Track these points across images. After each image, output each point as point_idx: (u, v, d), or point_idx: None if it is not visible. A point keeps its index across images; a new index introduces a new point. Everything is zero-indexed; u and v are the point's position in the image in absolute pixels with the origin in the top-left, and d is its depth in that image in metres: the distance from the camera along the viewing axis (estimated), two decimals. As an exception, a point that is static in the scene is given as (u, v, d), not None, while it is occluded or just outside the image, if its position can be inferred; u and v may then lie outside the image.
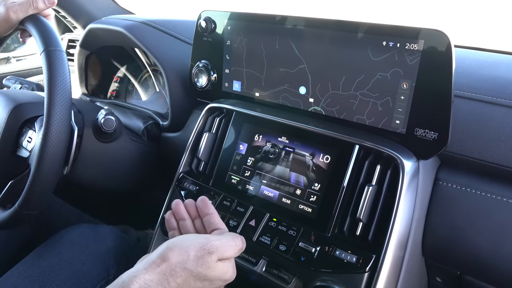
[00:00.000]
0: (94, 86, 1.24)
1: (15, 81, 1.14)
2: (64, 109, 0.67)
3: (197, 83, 0.88)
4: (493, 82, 0.68)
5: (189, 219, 0.65)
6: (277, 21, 0.73)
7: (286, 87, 0.76)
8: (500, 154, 0.62)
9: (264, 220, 0.70)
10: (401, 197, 0.61)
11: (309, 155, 0.70)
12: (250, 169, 0.75)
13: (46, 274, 0.77)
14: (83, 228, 0.87)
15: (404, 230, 0.63)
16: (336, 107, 0.71)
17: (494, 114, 0.64)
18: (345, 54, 0.67)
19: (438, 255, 0.69)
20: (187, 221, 0.65)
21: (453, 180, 0.67)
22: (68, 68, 0.70)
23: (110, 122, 0.88)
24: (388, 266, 0.60)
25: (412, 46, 0.60)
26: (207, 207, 0.64)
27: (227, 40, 0.82)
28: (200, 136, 0.82)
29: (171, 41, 1.03)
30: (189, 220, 0.65)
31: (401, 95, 0.63)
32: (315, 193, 0.68)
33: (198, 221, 0.65)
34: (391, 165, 0.64)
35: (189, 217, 0.65)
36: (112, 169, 0.97)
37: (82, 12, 1.36)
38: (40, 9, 0.74)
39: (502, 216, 0.62)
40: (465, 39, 0.96)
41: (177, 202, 0.66)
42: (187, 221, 0.65)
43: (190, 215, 0.65)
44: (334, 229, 0.65)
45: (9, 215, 0.72)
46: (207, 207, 0.64)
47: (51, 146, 0.67)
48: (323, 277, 0.62)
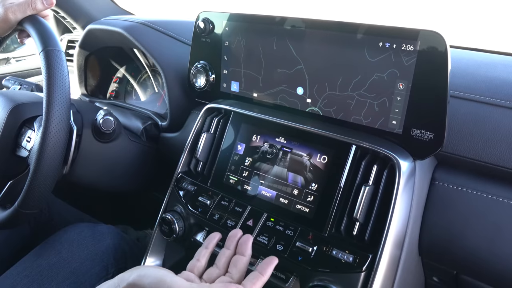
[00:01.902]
0: (93, 86, 1.24)
1: (14, 81, 1.14)
2: (63, 108, 0.68)
3: (196, 83, 0.89)
4: (489, 82, 0.69)
5: (221, 268, 0.61)
6: (275, 22, 0.74)
7: (284, 87, 0.76)
8: (496, 154, 0.63)
9: (261, 220, 0.70)
10: (398, 197, 0.61)
11: (307, 155, 0.70)
12: (248, 169, 0.75)
13: (45, 273, 0.77)
14: (82, 227, 0.88)
15: (401, 230, 0.63)
16: (333, 108, 0.71)
17: (490, 114, 0.65)
18: (342, 55, 0.68)
19: (434, 255, 0.70)
20: (216, 269, 0.61)
21: (450, 180, 0.67)
22: (66, 68, 0.70)
23: (109, 123, 0.88)
24: (384, 266, 0.60)
25: (408, 47, 0.61)
26: (247, 248, 0.62)
27: (225, 41, 0.82)
28: (198, 136, 0.83)
29: (170, 41, 1.03)
30: (220, 269, 0.61)
31: (398, 95, 0.64)
32: (312, 193, 0.68)
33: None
34: (387, 165, 0.64)
35: (222, 267, 0.61)
36: (111, 169, 0.97)
37: (81, 13, 1.36)
38: (39, 9, 0.74)
39: (498, 216, 0.62)
40: (461, 40, 0.96)
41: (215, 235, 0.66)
42: (217, 270, 0.61)
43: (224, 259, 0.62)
44: (331, 229, 0.65)
45: (9, 214, 0.73)
46: (247, 247, 0.62)
47: (50, 145, 0.67)
48: (320, 276, 0.62)
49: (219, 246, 0.68)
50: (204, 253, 0.63)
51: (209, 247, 0.65)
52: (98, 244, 0.85)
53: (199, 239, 0.77)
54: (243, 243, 0.63)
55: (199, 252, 0.64)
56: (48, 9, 0.76)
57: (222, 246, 0.64)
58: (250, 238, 0.63)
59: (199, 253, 0.64)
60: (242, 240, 0.63)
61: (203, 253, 0.63)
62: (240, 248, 0.62)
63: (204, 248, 0.64)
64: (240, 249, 0.62)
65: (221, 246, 0.68)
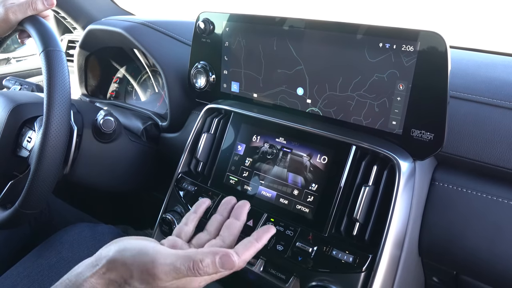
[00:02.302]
0: (93, 86, 1.25)
1: (15, 82, 1.15)
2: (64, 108, 0.68)
3: (196, 84, 0.89)
4: (489, 83, 0.69)
5: (212, 233, 0.59)
6: (275, 22, 0.74)
7: (284, 88, 0.76)
8: (496, 154, 0.63)
9: (261, 220, 0.70)
10: (398, 198, 0.61)
11: (307, 156, 0.70)
12: (248, 169, 0.75)
13: (46, 273, 0.77)
14: (82, 227, 0.88)
15: (401, 230, 0.63)
16: (333, 108, 0.71)
17: (490, 115, 0.65)
18: (342, 55, 0.68)
19: (434, 255, 0.70)
20: (206, 234, 0.59)
21: (450, 180, 0.67)
22: (67, 68, 0.70)
23: (109, 123, 0.88)
24: (384, 266, 0.60)
25: (408, 47, 0.61)
26: (242, 213, 0.60)
27: (226, 41, 0.82)
28: (198, 136, 0.83)
29: (170, 42, 1.03)
30: (210, 234, 0.59)
31: (398, 96, 0.64)
32: (312, 193, 0.68)
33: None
34: (387, 166, 0.64)
35: (213, 232, 0.59)
36: (112, 169, 0.97)
37: (81, 13, 1.36)
38: (39, 10, 0.75)
39: (497, 216, 0.62)
40: (461, 40, 0.96)
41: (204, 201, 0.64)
42: (206, 234, 0.59)
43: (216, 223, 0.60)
44: (331, 229, 0.65)
45: (9, 214, 0.73)
46: (243, 212, 0.60)
47: (50, 145, 0.67)
48: (320, 276, 0.62)
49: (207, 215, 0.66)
50: (193, 217, 0.61)
51: (198, 212, 0.62)
52: (98, 244, 0.85)
53: (199, 239, 0.77)
54: (239, 208, 0.61)
55: (187, 216, 0.61)
56: (48, 9, 0.76)
57: None
58: (247, 204, 0.61)
59: (187, 217, 0.61)
60: (238, 204, 0.62)
61: (192, 217, 0.61)
62: (235, 212, 0.60)
63: (193, 213, 0.62)
64: (235, 213, 0.60)
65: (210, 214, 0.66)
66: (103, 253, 0.48)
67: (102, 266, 0.47)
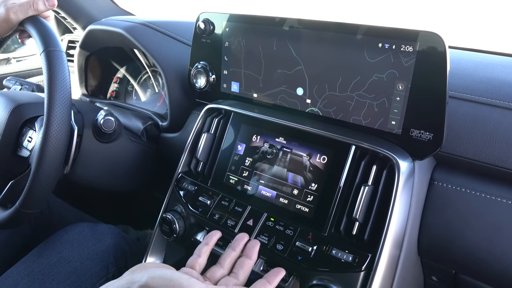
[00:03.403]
0: (93, 86, 1.25)
1: (15, 82, 1.15)
2: (64, 108, 0.68)
3: (196, 84, 0.89)
4: (488, 83, 0.69)
5: (226, 269, 0.61)
6: (274, 22, 0.74)
7: (284, 88, 0.77)
8: (494, 154, 0.63)
9: (261, 219, 0.71)
10: (397, 197, 0.62)
11: (306, 156, 0.70)
12: (248, 169, 0.76)
13: (46, 273, 0.78)
14: (82, 226, 0.88)
15: (400, 229, 0.63)
16: (333, 108, 0.72)
17: (489, 115, 0.65)
18: (341, 55, 0.68)
19: (433, 254, 0.70)
20: (222, 269, 0.61)
21: (449, 180, 0.67)
22: (67, 68, 0.71)
23: (110, 123, 0.89)
24: (383, 265, 0.61)
25: (408, 48, 0.61)
26: (254, 252, 0.63)
27: (226, 42, 0.82)
28: (198, 136, 0.83)
29: (170, 42, 1.03)
30: (224, 269, 0.61)
31: (397, 96, 0.64)
32: (312, 193, 0.68)
33: None
34: (387, 166, 0.64)
35: (227, 267, 0.61)
36: (112, 169, 0.97)
37: (82, 13, 1.37)
38: (40, 10, 0.75)
39: (496, 215, 0.63)
40: (461, 40, 0.96)
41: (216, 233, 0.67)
42: (222, 270, 0.61)
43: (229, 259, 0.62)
44: (331, 228, 0.66)
45: (10, 214, 0.73)
46: (254, 251, 0.63)
47: (51, 145, 0.67)
48: (319, 276, 0.63)
49: (218, 245, 0.69)
50: (205, 250, 0.64)
51: (209, 243, 0.65)
52: (98, 243, 0.85)
53: (199, 239, 0.77)
54: (251, 247, 0.64)
55: (200, 248, 0.64)
56: (49, 10, 0.76)
57: (223, 245, 0.65)
58: (258, 244, 0.65)
59: (200, 249, 0.63)
60: (250, 244, 0.65)
61: (205, 249, 0.63)
62: (247, 251, 0.63)
63: (205, 245, 0.64)
64: (248, 252, 0.63)
65: (220, 245, 0.68)
66: (136, 278, 0.49)
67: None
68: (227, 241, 0.71)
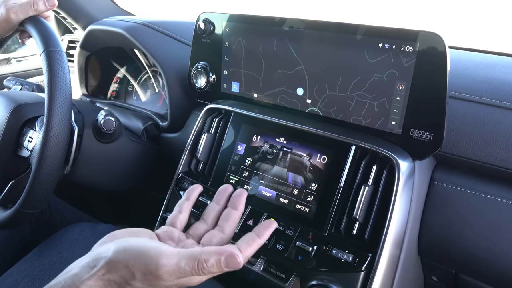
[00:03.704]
0: (94, 87, 1.25)
1: (15, 82, 1.15)
2: (64, 108, 0.68)
3: (196, 84, 0.89)
4: (488, 83, 0.69)
5: (210, 223, 0.57)
6: (275, 23, 0.74)
7: (284, 88, 0.77)
8: (494, 154, 0.63)
9: (262, 219, 0.71)
10: (397, 197, 0.62)
11: (307, 156, 0.70)
12: (248, 169, 0.76)
13: (47, 272, 0.77)
14: (83, 226, 0.88)
15: (400, 229, 0.63)
16: (333, 108, 0.72)
17: (489, 115, 0.65)
18: (341, 55, 0.68)
19: (433, 254, 0.70)
20: (203, 224, 0.57)
21: (449, 180, 0.67)
22: (68, 68, 0.71)
23: (110, 123, 0.89)
24: (384, 265, 0.61)
25: (408, 48, 0.61)
26: (240, 202, 0.58)
27: (226, 42, 0.82)
28: (199, 136, 0.83)
29: (171, 42, 1.03)
30: (208, 224, 0.57)
31: (397, 96, 0.64)
32: (312, 193, 0.68)
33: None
34: (387, 165, 0.64)
35: (211, 222, 0.58)
36: (112, 169, 0.97)
37: (82, 14, 1.37)
38: (41, 10, 0.75)
39: (496, 215, 0.63)
40: (461, 40, 0.96)
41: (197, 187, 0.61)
42: (203, 224, 0.57)
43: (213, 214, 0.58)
44: (331, 228, 0.66)
45: (10, 214, 0.73)
46: (240, 201, 0.58)
47: (51, 145, 0.67)
48: (320, 276, 0.63)
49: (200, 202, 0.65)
50: (186, 205, 0.59)
51: (190, 198, 0.61)
52: (98, 243, 0.85)
53: (200, 239, 0.78)
54: (236, 196, 0.59)
55: (181, 204, 0.59)
56: (50, 10, 0.76)
57: None
58: (244, 193, 0.60)
59: (181, 205, 0.59)
60: (236, 193, 0.60)
61: (186, 205, 0.59)
62: (233, 201, 0.59)
63: (186, 200, 0.60)
64: (233, 202, 0.58)
65: None
66: (102, 253, 0.46)
67: (101, 267, 0.45)
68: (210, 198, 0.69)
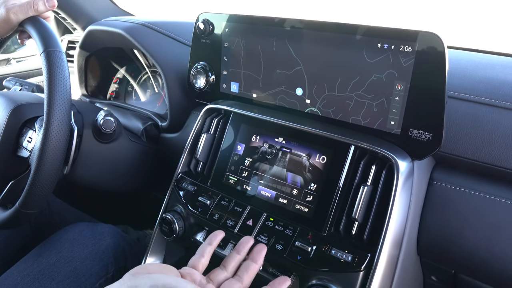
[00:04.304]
0: (93, 87, 1.25)
1: (15, 82, 1.15)
2: (64, 108, 0.68)
3: (196, 84, 0.89)
4: (487, 83, 0.69)
5: (230, 272, 0.61)
6: (274, 23, 0.74)
7: (283, 88, 0.77)
8: (494, 154, 0.63)
9: (261, 219, 0.71)
10: (396, 197, 0.62)
11: (306, 156, 0.70)
12: (248, 169, 0.76)
13: (46, 272, 0.78)
14: (82, 226, 0.88)
15: (399, 229, 0.63)
16: (332, 108, 0.72)
17: (488, 115, 0.65)
18: (340, 56, 0.68)
19: (432, 254, 0.70)
20: (224, 273, 0.60)
21: (448, 180, 0.67)
22: (67, 69, 0.71)
23: (110, 123, 0.89)
24: (383, 265, 0.61)
25: (407, 48, 0.61)
26: (260, 257, 0.63)
27: (225, 42, 0.83)
28: (198, 137, 0.83)
29: (170, 42, 1.04)
30: (228, 272, 0.61)
31: (396, 96, 0.64)
32: (312, 193, 0.69)
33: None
34: (386, 165, 0.64)
35: (231, 270, 0.61)
36: (112, 170, 0.97)
37: (81, 14, 1.37)
38: (40, 11, 0.75)
39: (495, 215, 0.63)
40: (460, 40, 0.97)
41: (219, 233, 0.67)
42: (225, 273, 0.60)
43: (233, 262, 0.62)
44: (330, 228, 0.66)
45: (10, 214, 0.73)
46: (260, 256, 0.63)
47: (51, 145, 0.67)
48: (319, 276, 0.63)
49: (218, 245, 0.69)
50: (209, 250, 0.63)
51: (213, 244, 0.64)
52: (98, 243, 0.85)
53: (199, 239, 0.78)
54: (258, 251, 0.64)
55: (203, 248, 0.63)
56: (49, 10, 0.76)
57: (222, 246, 0.64)
58: (265, 248, 0.65)
59: (203, 249, 0.63)
60: (257, 248, 0.64)
61: (208, 250, 0.63)
62: (254, 255, 0.63)
63: (208, 245, 0.64)
64: (254, 256, 0.63)
65: (220, 245, 0.68)
66: (139, 286, 0.48)
67: None
68: (227, 241, 0.71)
